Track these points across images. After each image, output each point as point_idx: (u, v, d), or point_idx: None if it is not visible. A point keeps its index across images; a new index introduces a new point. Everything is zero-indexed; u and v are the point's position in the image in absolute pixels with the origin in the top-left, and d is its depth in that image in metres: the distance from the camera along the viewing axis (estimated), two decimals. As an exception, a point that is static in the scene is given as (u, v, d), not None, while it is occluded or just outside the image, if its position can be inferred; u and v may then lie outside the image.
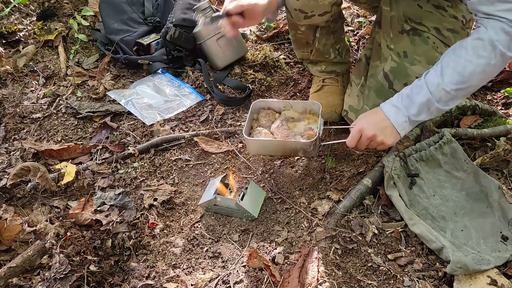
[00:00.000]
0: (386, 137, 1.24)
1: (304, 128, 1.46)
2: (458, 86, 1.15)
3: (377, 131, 1.23)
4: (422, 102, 1.19)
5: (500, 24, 1.09)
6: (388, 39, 1.44)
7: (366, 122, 1.26)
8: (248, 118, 1.48)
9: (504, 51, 1.11)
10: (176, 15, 1.99)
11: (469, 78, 1.14)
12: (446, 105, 1.20)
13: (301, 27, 1.56)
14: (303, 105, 1.52)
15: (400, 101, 1.23)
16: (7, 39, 2.02)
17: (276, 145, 1.42)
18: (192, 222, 1.35)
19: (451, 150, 1.41)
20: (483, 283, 1.14)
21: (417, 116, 1.21)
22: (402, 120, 1.22)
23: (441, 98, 1.17)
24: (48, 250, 1.20)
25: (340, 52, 1.71)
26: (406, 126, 1.24)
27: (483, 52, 1.12)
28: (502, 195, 1.34)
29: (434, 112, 1.22)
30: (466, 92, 1.20)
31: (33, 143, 1.60)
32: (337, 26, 1.64)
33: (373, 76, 1.48)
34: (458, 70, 1.14)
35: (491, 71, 1.16)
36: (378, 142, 1.25)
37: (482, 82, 1.20)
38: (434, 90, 1.17)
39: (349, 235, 1.27)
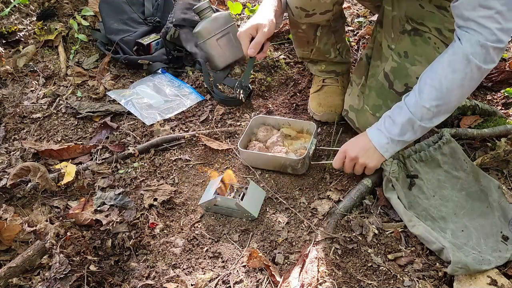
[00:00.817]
0: (368, 158, 1.27)
1: (299, 147, 1.52)
2: (438, 102, 1.15)
3: (359, 152, 1.27)
4: (403, 122, 1.20)
5: (476, 37, 1.09)
6: (389, 39, 1.44)
7: (351, 144, 1.31)
8: (246, 131, 1.55)
9: (480, 65, 1.10)
10: (176, 15, 1.99)
11: (447, 93, 1.14)
12: (430, 122, 1.20)
13: (302, 25, 1.56)
14: (301, 124, 1.58)
15: (383, 124, 1.25)
16: (7, 39, 2.02)
17: (266, 159, 1.47)
18: (192, 222, 1.35)
19: (451, 150, 1.41)
20: (483, 283, 1.14)
21: (401, 136, 1.22)
22: (384, 141, 1.24)
23: (423, 116, 1.18)
24: (48, 250, 1.20)
25: (341, 52, 1.71)
26: (390, 148, 1.25)
27: (459, 67, 1.11)
28: (502, 195, 1.34)
29: (419, 131, 1.22)
30: (447, 108, 1.19)
31: (33, 143, 1.60)
32: (338, 26, 1.64)
33: (373, 76, 1.48)
34: (436, 86, 1.15)
35: (469, 85, 1.15)
36: (361, 164, 1.28)
37: (463, 97, 1.20)
38: (414, 109, 1.18)
39: (349, 235, 1.27)
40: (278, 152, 1.48)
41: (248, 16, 2.33)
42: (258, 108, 1.80)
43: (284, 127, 1.60)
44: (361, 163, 1.28)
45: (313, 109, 1.70)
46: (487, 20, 1.06)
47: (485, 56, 1.09)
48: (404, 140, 1.24)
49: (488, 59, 1.11)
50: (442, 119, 1.22)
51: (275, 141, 1.52)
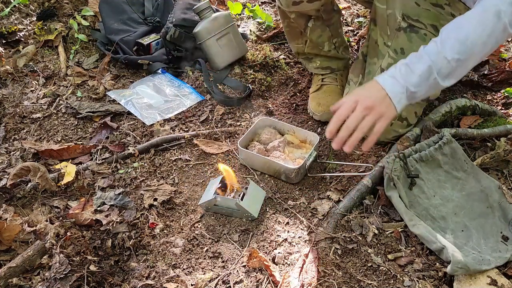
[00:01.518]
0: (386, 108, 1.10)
1: (298, 156, 1.50)
2: (459, 56, 1.09)
3: (376, 100, 1.10)
4: (423, 70, 1.10)
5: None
6: (385, 37, 1.44)
7: (362, 91, 1.14)
8: (250, 131, 1.54)
9: (507, 25, 1.07)
10: (176, 15, 1.99)
11: (471, 48, 1.10)
12: (443, 80, 1.12)
13: (291, 14, 1.57)
14: (305, 134, 1.56)
15: (398, 71, 1.13)
16: (7, 39, 2.02)
17: (262, 162, 1.47)
18: (192, 222, 1.35)
19: (451, 150, 1.41)
20: (483, 283, 1.14)
21: (416, 87, 1.11)
22: (399, 90, 1.11)
23: (441, 68, 1.10)
24: (48, 250, 1.20)
25: (337, 47, 1.71)
26: (403, 99, 1.12)
27: (488, 22, 1.08)
28: (502, 195, 1.34)
29: (432, 87, 1.13)
30: (464, 68, 1.14)
31: (33, 143, 1.60)
32: (333, 19, 1.64)
33: (370, 73, 1.48)
34: (460, 39, 1.10)
35: (491, 45, 1.12)
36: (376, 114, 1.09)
37: (481, 56, 1.15)
38: (435, 58, 1.10)
39: (349, 235, 1.27)
40: (276, 157, 1.47)
41: (248, 16, 2.33)
42: (258, 108, 1.80)
43: (289, 134, 1.59)
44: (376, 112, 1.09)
45: (312, 109, 1.70)
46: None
47: None
48: (417, 94, 1.13)
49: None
50: (453, 82, 1.15)
51: (275, 146, 1.52)
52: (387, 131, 1.50)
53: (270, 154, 1.49)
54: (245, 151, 1.49)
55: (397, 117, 1.17)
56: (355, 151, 1.55)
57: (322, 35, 1.65)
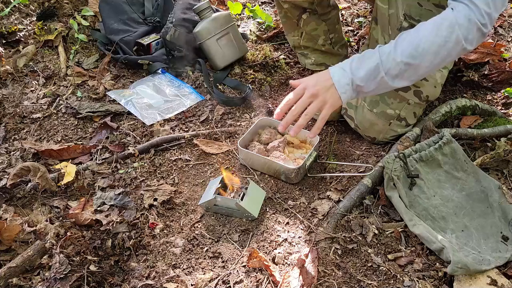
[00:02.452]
0: (327, 97, 1.16)
1: (299, 156, 1.50)
2: (409, 60, 1.12)
3: (321, 89, 1.17)
4: (371, 67, 1.14)
5: (467, 10, 1.08)
6: (386, 36, 1.44)
7: (311, 79, 1.21)
8: (250, 131, 1.54)
9: (461, 39, 1.09)
10: (176, 15, 1.99)
11: (421, 54, 1.12)
12: (393, 80, 1.15)
13: (285, 4, 1.59)
14: (305, 134, 1.56)
15: (349, 64, 1.18)
16: (7, 39, 2.02)
17: (261, 162, 1.47)
18: (192, 222, 1.35)
19: (451, 150, 1.41)
20: (483, 283, 1.14)
21: (363, 81, 1.15)
22: (344, 82, 1.16)
23: (389, 69, 1.13)
24: (48, 250, 1.20)
25: (333, 42, 1.71)
26: (349, 90, 1.16)
27: (442, 32, 1.10)
28: (502, 195, 1.34)
29: (380, 85, 1.16)
30: (413, 73, 1.15)
31: (33, 143, 1.60)
32: (329, 14, 1.65)
33: None
34: (413, 43, 1.12)
35: (444, 55, 1.13)
36: (320, 101, 1.16)
37: (433, 66, 1.16)
38: (385, 58, 1.13)
39: (349, 235, 1.27)
40: (276, 157, 1.47)
41: (248, 16, 2.33)
42: (258, 108, 1.80)
43: (289, 134, 1.57)
44: (320, 100, 1.16)
45: (312, 109, 1.70)
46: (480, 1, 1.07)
47: (468, 32, 1.09)
48: (363, 89, 1.17)
49: (469, 37, 1.10)
50: (402, 84, 1.18)
51: (275, 146, 1.51)
52: (386, 131, 1.50)
53: (270, 154, 1.49)
54: (245, 151, 1.48)
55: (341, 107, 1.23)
56: (355, 151, 1.56)
57: (317, 28, 1.65)
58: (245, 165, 1.51)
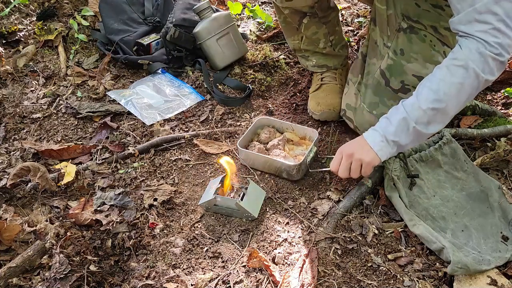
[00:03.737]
0: (363, 154, 1.22)
1: (299, 153, 1.51)
2: (434, 105, 1.12)
3: (355, 149, 1.23)
4: (398, 120, 1.17)
5: (475, 44, 1.07)
6: (385, 37, 1.44)
7: (347, 144, 1.29)
8: (249, 131, 1.54)
9: (479, 72, 1.08)
10: (176, 15, 1.99)
11: (444, 97, 1.12)
12: (425, 127, 1.16)
13: (285, 10, 1.59)
14: (304, 131, 1.57)
15: (379, 124, 1.23)
16: (7, 39, 2.02)
17: (263, 161, 1.47)
18: (192, 222, 1.35)
19: (451, 150, 1.41)
20: (483, 283, 1.14)
21: (395, 136, 1.18)
22: (378, 139, 1.20)
23: (418, 118, 1.14)
24: (48, 250, 1.20)
25: (334, 44, 1.71)
26: (385, 147, 1.20)
27: (456, 72, 1.10)
28: (502, 195, 1.34)
29: (414, 135, 1.18)
30: (444, 115, 1.16)
31: (33, 143, 1.60)
32: (329, 17, 1.65)
33: (369, 74, 1.48)
34: (433, 88, 1.13)
35: (466, 92, 1.12)
36: (357, 160, 1.23)
37: (460, 105, 1.16)
38: (410, 109, 1.16)
39: (349, 235, 1.27)
40: (277, 155, 1.47)
41: (248, 16, 2.33)
42: (258, 108, 1.80)
43: (288, 131, 1.59)
44: (356, 158, 1.23)
45: (311, 109, 1.70)
46: (485, 34, 1.06)
47: (484, 65, 1.07)
48: (399, 142, 1.19)
49: (486, 69, 1.08)
50: (438, 128, 1.18)
51: (275, 144, 1.52)
52: None
53: (271, 153, 1.50)
54: (245, 151, 1.49)
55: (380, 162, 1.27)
56: None
57: (318, 32, 1.65)
58: (245, 165, 1.51)
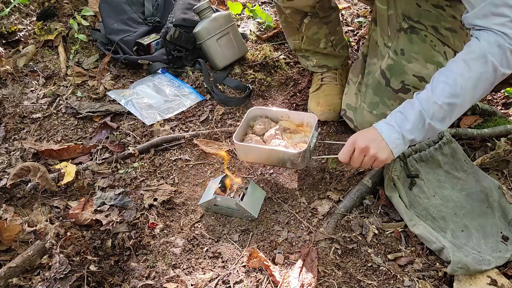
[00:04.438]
0: (379, 151, 1.17)
1: (298, 140, 1.43)
2: (451, 100, 1.10)
3: (370, 143, 1.18)
4: (415, 116, 1.13)
5: (494, 36, 1.05)
6: (385, 37, 1.44)
7: (360, 135, 1.22)
8: (242, 124, 1.45)
9: (497, 65, 1.07)
10: (176, 15, 1.99)
11: (461, 91, 1.10)
12: (440, 123, 1.14)
13: (286, 9, 1.58)
14: (300, 116, 1.48)
15: (393, 119, 1.18)
16: (7, 39, 2.02)
17: (264, 153, 1.37)
18: (192, 222, 1.35)
19: (451, 150, 1.41)
20: (483, 283, 1.14)
21: (411, 132, 1.15)
22: (395, 136, 1.16)
23: (434, 113, 1.12)
24: (48, 250, 1.20)
25: (334, 44, 1.71)
26: (400, 144, 1.17)
27: (475, 65, 1.08)
28: (502, 195, 1.34)
29: (428, 131, 1.15)
30: (460, 109, 1.14)
31: (33, 143, 1.60)
32: (330, 17, 1.64)
33: (370, 74, 1.48)
34: (450, 83, 1.10)
35: (483, 86, 1.11)
36: (371, 156, 1.18)
37: (475, 98, 1.14)
38: (426, 104, 1.12)
39: (349, 235, 1.27)
40: (277, 145, 1.37)
41: (248, 16, 2.33)
42: (258, 108, 1.80)
43: (283, 120, 1.50)
44: (371, 154, 1.17)
45: (311, 109, 1.70)
46: (503, 27, 1.05)
47: (502, 57, 1.06)
48: (413, 139, 1.16)
49: (504, 62, 1.07)
50: (450, 123, 1.16)
51: (273, 134, 1.42)
52: None
53: (270, 144, 1.40)
54: (242, 144, 1.39)
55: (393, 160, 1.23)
56: None
57: (318, 32, 1.65)
58: (244, 162, 1.47)
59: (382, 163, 1.20)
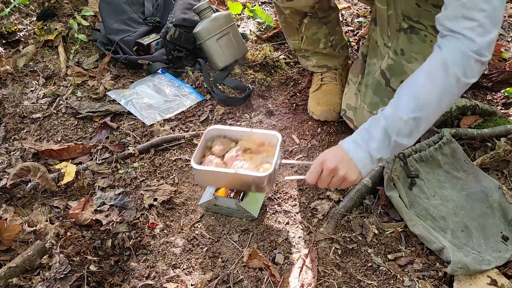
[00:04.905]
0: (349, 171, 1.11)
1: (261, 161, 1.31)
2: (416, 114, 1.05)
3: (339, 164, 1.11)
4: (380, 134, 1.08)
5: (458, 44, 1.01)
6: (385, 37, 1.44)
7: (328, 154, 1.15)
8: (200, 145, 1.32)
9: (459, 76, 1.02)
10: (176, 15, 1.99)
11: (426, 105, 1.05)
12: (408, 138, 1.08)
13: (286, 10, 1.58)
14: (262, 136, 1.35)
15: (359, 137, 1.12)
16: (7, 39, 2.02)
17: (225, 176, 1.26)
18: (192, 222, 1.35)
19: (451, 150, 1.41)
20: (483, 283, 1.14)
21: (378, 151, 1.09)
22: (362, 156, 1.10)
23: (399, 129, 1.06)
24: (48, 250, 1.20)
25: (334, 44, 1.71)
26: (368, 164, 1.11)
27: (436, 76, 1.03)
28: (502, 195, 1.34)
29: (395, 148, 1.09)
30: (426, 122, 1.08)
31: (33, 143, 1.60)
32: (330, 17, 1.64)
33: (370, 74, 1.48)
34: (413, 97, 1.05)
35: (448, 97, 1.06)
36: (340, 176, 1.11)
37: (443, 109, 1.10)
38: (390, 120, 1.07)
39: (349, 235, 1.27)
40: (240, 167, 1.26)
41: (248, 16, 2.33)
42: (258, 108, 1.80)
43: (243, 139, 1.36)
44: (341, 175, 1.11)
45: (311, 108, 1.70)
46: (470, 31, 1.00)
47: (465, 67, 1.01)
48: (381, 158, 1.11)
49: (468, 71, 1.02)
50: (417, 137, 1.11)
51: (234, 156, 1.30)
52: None
53: (231, 166, 1.28)
54: (203, 169, 1.26)
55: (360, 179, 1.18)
56: None
57: (318, 32, 1.65)
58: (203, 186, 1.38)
59: (351, 184, 1.14)
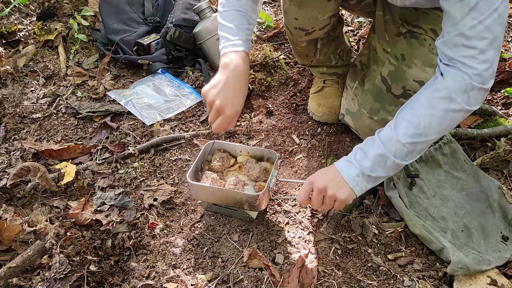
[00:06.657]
0: (339, 190, 1.09)
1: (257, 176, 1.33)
2: (414, 139, 1.06)
3: (328, 183, 1.10)
4: (376, 154, 1.08)
5: (461, 75, 1.01)
6: (384, 43, 1.43)
7: (318, 174, 1.15)
8: (198, 159, 1.33)
9: (463, 105, 1.02)
10: (176, 15, 1.99)
11: (425, 131, 1.05)
12: (404, 159, 1.08)
13: (302, 43, 1.55)
14: (261, 152, 1.38)
15: (353, 156, 1.12)
16: (7, 39, 2.02)
17: (218, 194, 1.27)
18: (192, 222, 1.35)
19: (451, 150, 1.41)
20: (483, 283, 1.14)
21: (372, 170, 1.08)
22: (354, 173, 1.09)
23: (397, 152, 1.06)
24: (48, 250, 1.20)
25: (341, 55, 1.70)
26: (360, 181, 1.10)
27: (439, 105, 1.04)
28: (502, 195, 1.34)
29: (392, 168, 1.09)
30: (423, 146, 1.09)
31: (33, 143, 1.60)
32: (337, 33, 1.63)
33: (370, 80, 1.47)
34: (413, 122, 1.06)
35: (448, 124, 1.07)
36: (330, 196, 1.10)
37: (443, 132, 1.10)
38: (388, 144, 1.07)
39: (349, 235, 1.27)
40: (235, 184, 1.28)
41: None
42: (258, 108, 1.80)
43: (242, 155, 1.40)
44: (330, 194, 1.10)
45: (312, 110, 1.70)
46: (472, 60, 0.99)
47: (468, 98, 1.02)
48: (376, 176, 1.10)
49: (471, 100, 1.02)
50: (416, 157, 1.11)
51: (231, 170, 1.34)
52: None
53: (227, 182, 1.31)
54: (197, 185, 1.26)
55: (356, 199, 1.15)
56: None
57: (328, 51, 1.64)
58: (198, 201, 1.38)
59: (344, 204, 1.12)
